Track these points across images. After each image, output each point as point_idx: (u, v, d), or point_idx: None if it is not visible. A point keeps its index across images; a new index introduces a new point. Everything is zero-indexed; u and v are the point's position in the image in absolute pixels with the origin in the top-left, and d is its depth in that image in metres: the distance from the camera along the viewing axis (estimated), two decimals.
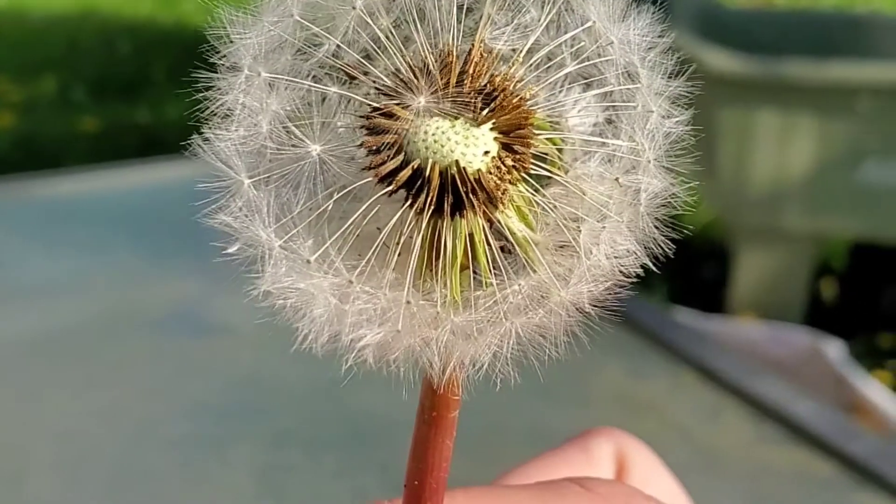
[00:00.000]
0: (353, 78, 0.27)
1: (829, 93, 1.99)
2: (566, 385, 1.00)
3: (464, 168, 0.26)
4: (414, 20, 0.27)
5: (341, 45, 0.28)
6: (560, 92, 0.28)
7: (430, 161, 0.26)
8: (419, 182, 0.26)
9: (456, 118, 0.26)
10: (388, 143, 0.26)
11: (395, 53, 0.27)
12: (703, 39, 2.05)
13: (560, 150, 0.27)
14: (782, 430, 0.91)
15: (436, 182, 0.26)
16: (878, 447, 0.87)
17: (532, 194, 0.27)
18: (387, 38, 0.27)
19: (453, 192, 0.26)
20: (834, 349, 1.58)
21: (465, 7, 0.27)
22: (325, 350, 0.28)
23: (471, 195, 0.26)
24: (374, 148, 0.26)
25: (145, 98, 3.20)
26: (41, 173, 1.70)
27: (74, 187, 1.57)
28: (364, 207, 0.26)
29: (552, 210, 0.27)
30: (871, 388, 1.49)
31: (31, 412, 1.01)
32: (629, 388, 0.89)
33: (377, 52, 0.27)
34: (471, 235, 0.27)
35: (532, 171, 0.27)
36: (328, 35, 0.28)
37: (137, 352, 1.13)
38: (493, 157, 0.26)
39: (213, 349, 1.12)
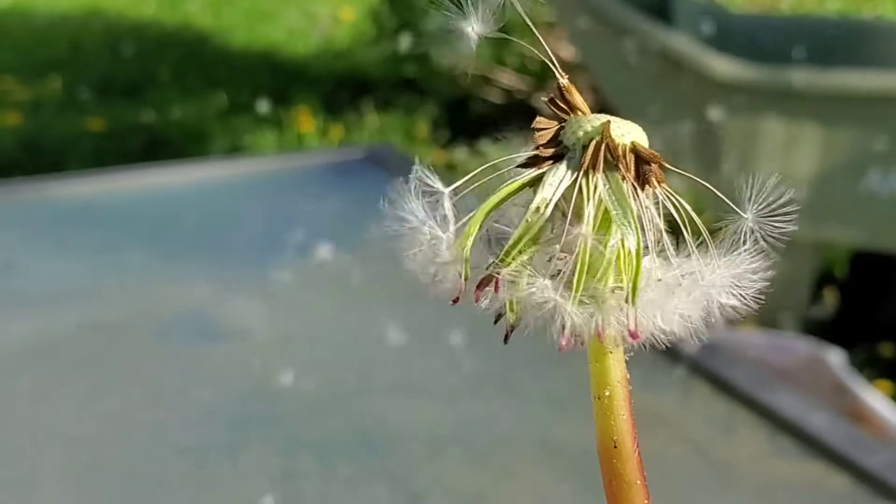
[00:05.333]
0: None
1: (833, 100, 1.99)
2: (577, 397, 1.00)
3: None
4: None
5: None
6: None
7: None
8: None
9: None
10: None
11: None
12: (707, 46, 2.06)
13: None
14: (796, 443, 0.91)
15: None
16: (893, 461, 0.87)
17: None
18: None
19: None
20: (835, 358, 1.58)
21: None
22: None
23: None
24: None
25: (150, 99, 3.20)
26: (48, 176, 1.70)
27: (82, 189, 1.56)
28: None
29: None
30: (873, 397, 1.49)
31: (39, 417, 1.01)
32: (641, 400, 0.89)
33: None
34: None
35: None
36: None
37: (146, 357, 1.12)
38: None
39: (224, 354, 1.12)
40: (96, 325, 1.17)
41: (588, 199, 0.27)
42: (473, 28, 0.29)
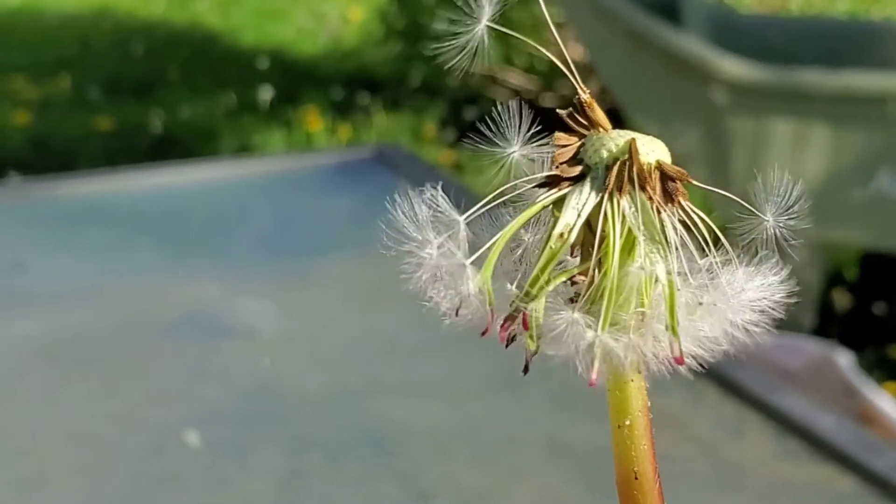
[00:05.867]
0: None
1: (842, 101, 1.99)
2: (585, 397, 1.00)
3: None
4: None
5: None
6: None
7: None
8: None
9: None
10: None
11: None
12: (716, 46, 2.05)
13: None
14: (804, 444, 0.91)
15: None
16: None
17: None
18: None
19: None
20: (844, 360, 1.58)
21: None
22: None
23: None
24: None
25: (159, 98, 3.20)
26: (56, 175, 1.70)
27: (90, 188, 1.57)
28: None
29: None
30: (882, 399, 1.49)
31: (46, 415, 1.01)
32: (649, 401, 0.89)
33: None
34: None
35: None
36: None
37: (153, 355, 1.12)
38: None
39: (232, 353, 1.12)
40: (104, 324, 1.17)
41: (614, 223, 0.26)
42: (483, 25, 0.29)
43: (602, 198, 0.26)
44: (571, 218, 0.26)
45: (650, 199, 0.26)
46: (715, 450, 0.92)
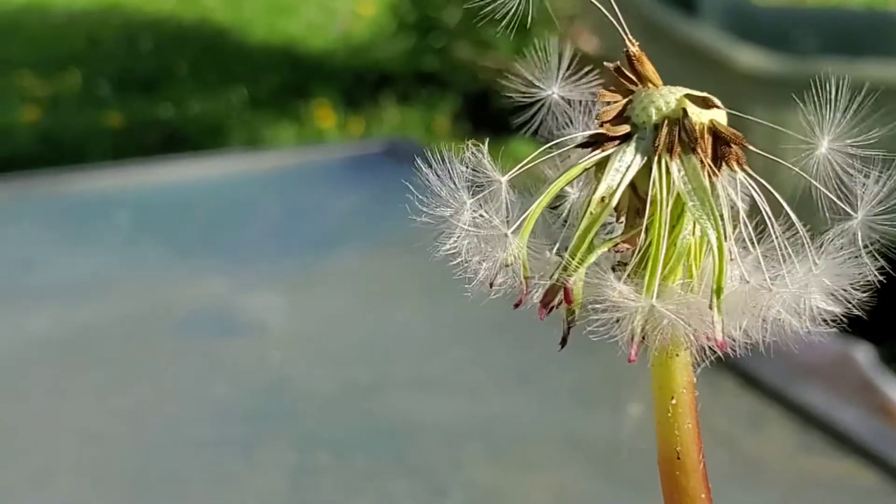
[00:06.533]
0: None
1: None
2: (601, 392, 0.98)
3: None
4: None
5: None
6: None
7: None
8: None
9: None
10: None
11: None
12: (733, 37, 2.04)
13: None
14: (826, 438, 0.89)
15: None
16: None
17: None
18: None
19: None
20: (864, 355, 1.56)
21: None
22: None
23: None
24: None
25: (168, 94, 3.20)
26: (65, 168, 1.70)
27: (99, 183, 1.56)
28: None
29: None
30: None
31: (56, 412, 1.01)
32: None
33: None
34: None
35: None
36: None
37: (162, 351, 1.12)
38: None
39: (241, 349, 1.11)
40: (113, 320, 1.16)
41: (661, 188, 0.24)
42: None
43: (649, 160, 0.24)
44: (614, 181, 0.24)
45: (701, 162, 0.24)
46: (735, 443, 0.90)
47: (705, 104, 0.25)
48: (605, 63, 0.26)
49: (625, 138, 0.25)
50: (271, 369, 1.07)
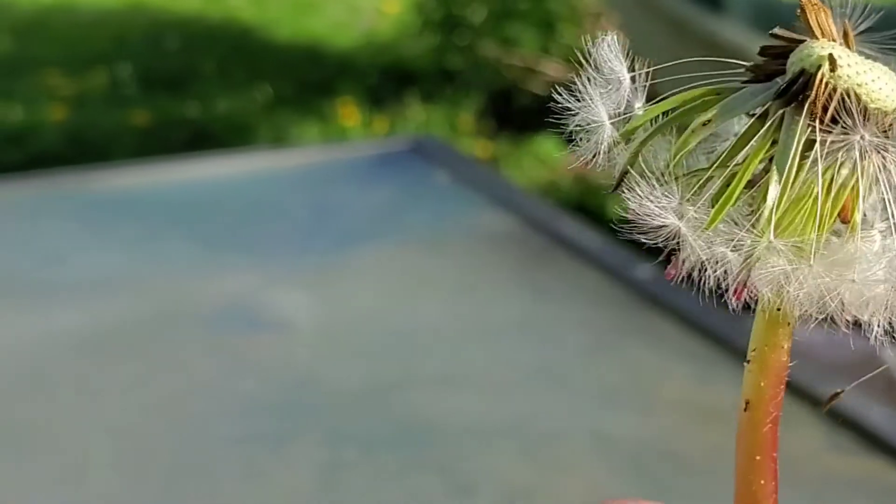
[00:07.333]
0: None
1: None
2: (630, 391, 0.98)
3: None
4: None
5: None
6: None
7: None
8: None
9: None
10: None
11: None
12: (758, 32, 2.03)
13: None
14: (855, 437, 0.89)
15: None
16: None
17: None
18: None
19: None
20: (891, 353, 1.55)
21: None
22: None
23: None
24: None
25: (194, 92, 3.21)
26: (92, 166, 1.71)
27: (126, 180, 1.57)
28: None
29: None
30: None
31: (85, 408, 1.01)
32: (695, 394, 0.87)
33: None
34: None
35: None
36: None
37: (191, 348, 1.12)
38: None
39: (269, 345, 1.11)
40: (140, 316, 1.17)
41: (794, 145, 0.23)
42: None
43: (784, 112, 0.24)
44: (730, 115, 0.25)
45: (842, 127, 0.24)
46: None
47: (864, 67, 0.25)
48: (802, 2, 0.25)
49: (770, 77, 0.25)
50: (299, 365, 1.08)
